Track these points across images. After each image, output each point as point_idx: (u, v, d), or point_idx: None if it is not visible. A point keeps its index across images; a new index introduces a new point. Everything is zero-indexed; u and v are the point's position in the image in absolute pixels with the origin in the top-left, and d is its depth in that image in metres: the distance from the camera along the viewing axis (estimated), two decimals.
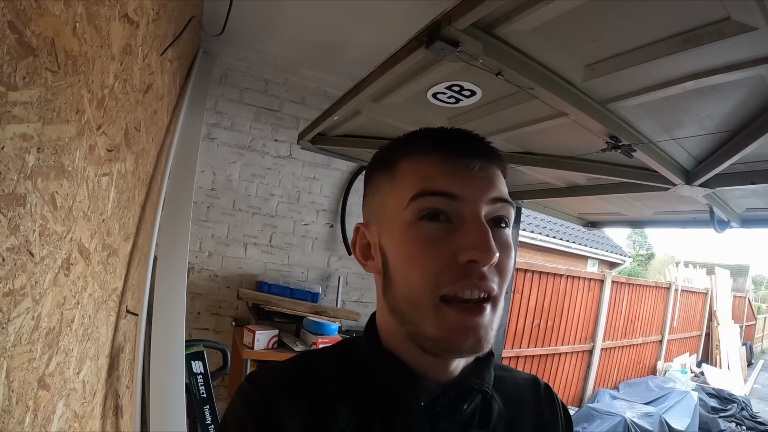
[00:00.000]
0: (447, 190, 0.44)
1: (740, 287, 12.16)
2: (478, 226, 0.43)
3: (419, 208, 0.44)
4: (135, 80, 1.01)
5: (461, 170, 0.45)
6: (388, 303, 0.47)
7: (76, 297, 0.82)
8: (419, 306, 0.43)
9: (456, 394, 0.47)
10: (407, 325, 0.45)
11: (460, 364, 0.49)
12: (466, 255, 0.42)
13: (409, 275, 0.44)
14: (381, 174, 0.50)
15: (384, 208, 0.48)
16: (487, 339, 0.43)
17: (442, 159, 0.46)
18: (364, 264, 0.51)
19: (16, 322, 0.56)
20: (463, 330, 0.42)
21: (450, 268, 0.42)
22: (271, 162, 2.60)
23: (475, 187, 0.45)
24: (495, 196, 0.45)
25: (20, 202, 0.53)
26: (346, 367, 0.49)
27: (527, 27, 0.76)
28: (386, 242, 0.47)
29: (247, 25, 2.14)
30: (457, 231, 0.43)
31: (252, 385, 0.46)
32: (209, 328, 2.43)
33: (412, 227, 0.44)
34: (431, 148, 0.47)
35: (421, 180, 0.45)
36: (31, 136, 0.53)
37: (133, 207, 1.29)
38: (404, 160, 0.48)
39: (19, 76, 0.48)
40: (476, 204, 0.44)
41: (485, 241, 0.42)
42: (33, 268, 0.60)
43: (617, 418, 3.62)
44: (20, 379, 0.59)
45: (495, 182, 0.46)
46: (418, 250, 0.44)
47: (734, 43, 0.68)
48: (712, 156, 1.12)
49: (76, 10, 0.59)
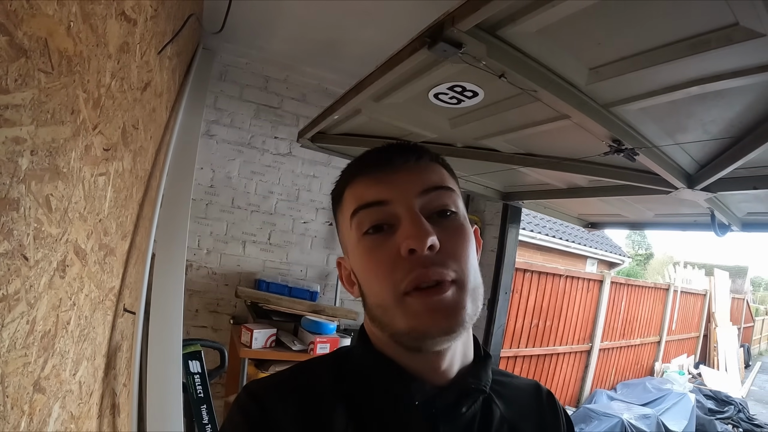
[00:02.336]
0: (375, 199, 0.47)
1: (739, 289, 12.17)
2: (409, 217, 0.45)
3: (359, 225, 0.48)
4: (133, 78, 1.00)
5: (386, 175, 0.48)
6: (368, 315, 0.50)
7: (72, 298, 0.81)
8: (387, 307, 0.46)
9: (453, 395, 0.47)
10: (385, 329, 0.47)
11: (455, 364, 0.49)
12: (404, 246, 0.44)
13: (370, 283, 0.48)
14: (336, 209, 0.54)
15: (343, 236, 0.53)
16: (458, 316, 0.44)
17: (367, 174, 0.50)
18: (351, 291, 0.54)
19: (10, 327, 0.56)
20: (428, 312, 0.43)
21: (399, 264, 0.44)
22: (270, 159, 2.59)
23: (401, 185, 0.48)
24: (425, 188, 0.48)
25: (13, 206, 0.52)
26: (343, 374, 0.50)
27: (532, 29, 0.75)
28: (353, 263, 0.51)
29: (248, 21, 2.12)
30: (397, 230, 0.46)
31: (249, 396, 0.46)
32: (207, 325, 2.43)
33: (359, 243, 0.48)
34: (358, 169, 0.51)
35: (356, 199, 0.49)
36: (24, 139, 0.52)
37: (131, 205, 1.28)
38: (346, 190, 0.52)
39: (11, 78, 0.47)
40: (406, 200, 0.47)
41: (417, 227, 0.44)
42: (27, 272, 0.59)
43: (614, 419, 3.63)
44: (15, 384, 0.59)
45: (423, 174, 0.49)
46: (369, 260, 0.47)
47: (741, 49, 0.67)
48: (715, 161, 1.11)
49: (70, 10, 0.58)
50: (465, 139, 1.44)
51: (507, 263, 2.78)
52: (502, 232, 2.79)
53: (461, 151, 1.50)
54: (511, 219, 2.78)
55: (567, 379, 4.89)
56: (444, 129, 1.34)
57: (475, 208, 3.04)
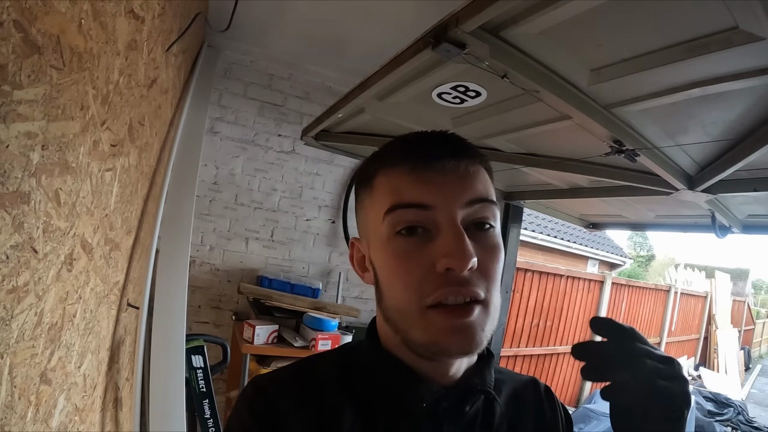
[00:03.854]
0: (418, 201, 0.44)
1: (740, 291, 12.14)
2: (452, 232, 0.42)
3: (393, 223, 0.44)
4: (140, 75, 1.01)
5: (431, 176, 0.44)
6: (382, 312, 0.48)
7: (78, 292, 0.82)
8: (407, 315, 0.44)
9: (458, 395, 0.47)
10: (400, 333, 0.46)
11: (462, 367, 0.49)
12: (442, 263, 0.41)
13: (393, 287, 0.45)
14: (363, 189, 0.50)
15: (368, 223, 0.49)
16: (478, 339, 0.42)
17: (411, 168, 0.45)
18: (362, 276, 0.52)
19: (19, 318, 0.57)
20: (451, 331, 0.42)
21: (430, 278, 0.42)
22: (274, 157, 2.60)
23: (448, 192, 0.44)
24: (470, 199, 0.44)
25: (24, 199, 0.53)
26: (350, 371, 0.50)
27: (534, 30, 0.75)
28: (374, 256, 0.48)
29: (253, 19, 2.13)
30: (434, 239, 0.43)
31: (255, 390, 0.46)
32: (209, 321, 2.45)
33: (390, 242, 0.45)
34: (400, 157, 0.46)
35: (394, 193, 0.45)
36: (36, 133, 0.53)
37: (136, 201, 1.30)
38: (379, 173, 0.48)
39: (24, 74, 0.48)
40: (450, 210, 0.43)
41: (460, 247, 0.41)
42: (36, 264, 0.60)
43: None
44: (23, 374, 0.60)
45: (470, 183, 0.45)
46: (398, 265, 0.44)
47: (741, 52, 0.68)
48: (716, 162, 1.12)
49: (81, 7, 0.59)
50: (468, 139, 1.45)
51: (508, 263, 2.79)
52: (503, 232, 2.78)
53: None
54: (513, 219, 2.77)
55: (567, 379, 4.90)
56: (447, 128, 1.34)
57: None
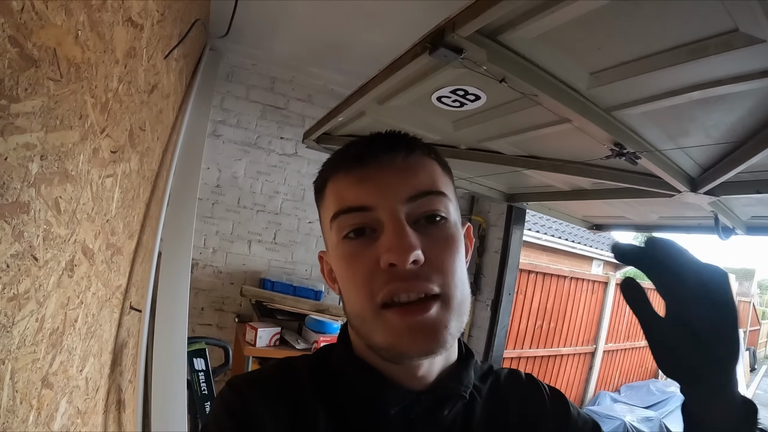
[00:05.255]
0: (357, 204, 0.43)
1: (745, 292, 12.01)
2: (392, 227, 0.42)
3: (339, 229, 0.45)
4: (140, 82, 1.02)
5: (369, 174, 0.44)
6: (348, 319, 0.48)
7: (80, 297, 0.83)
8: (364, 319, 0.44)
9: (432, 400, 0.46)
10: (362, 338, 0.46)
11: (434, 368, 0.47)
12: (384, 259, 0.41)
13: (348, 292, 0.45)
14: (319, 201, 0.50)
15: (325, 233, 0.49)
16: (440, 337, 0.41)
17: (347, 170, 0.45)
18: (333, 287, 0.51)
19: (20, 324, 0.57)
20: (409, 331, 0.41)
21: (378, 275, 0.42)
22: (276, 160, 2.61)
23: (386, 189, 0.43)
24: (413, 194, 0.43)
25: (24, 209, 0.54)
26: (324, 374, 0.49)
27: (532, 34, 0.75)
28: (332, 264, 0.48)
29: (254, 22, 2.14)
30: (380, 236, 0.43)
31: (231, 390, 0.46)
32: (212, 324, 2.46)
33: (338, 247, 0.45)
34: (339, 162, 0.47)
35: (336, 199, 0.45)
36: (34, 144, 0.54)
37: (138, 205, 1.31)
38: (327, 182, 0.48)
39: (21, 88, 0.48)
40: (390, 207, 0.42)
41: (399, 241, 0.40)
42: (37, 272, 0.61)
43: (617, 421, 3.61)
44: (24, 379, 0.61)
45: (410, 177, 0.44)
46: (347, 267, 0.44)
47: (741, 55, 0.67)
48: (718, 164, 1.11)
49: (78, 19, 0.59)
50: (468, 142, 1.44)
51: (511, 264, 2.78)
52: (506, 233, 2.79)
53: (465, 153, 1.51)
54: (516, 220, 2.78)
55: (571, 380, 4.88)
56: (447, 131, 1.34)
57: (479, 209, 3.04)
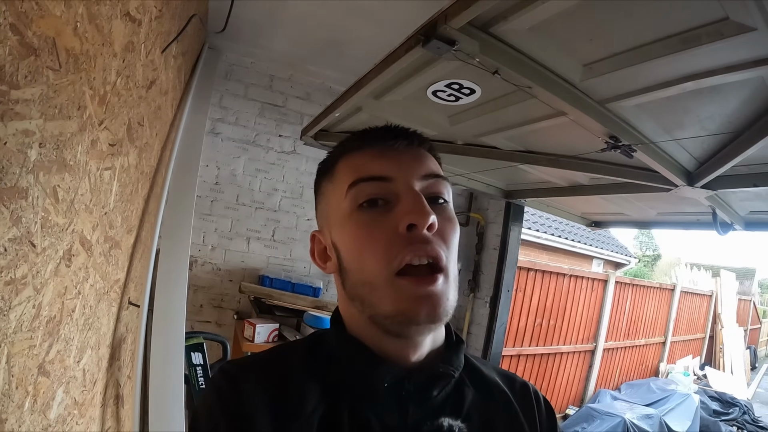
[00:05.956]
0: (378, 174, 0.47)
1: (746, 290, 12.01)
2: (411, 195, 0.46)
3: (356, 196, 0.47)
4: (138, 76, 1.03)
5: (389, 153, 0.49)
6: (347, 293, 0.49)
7: (78, 287, 0.83)
8: (376, 286, 0.45)
9: (423, 378, 0.48)
10: (367, 309, 0.47)
11: (424, 349, 0.49)
12: (404, 221, 0.44)
13: (361, 260, 0.47)
14: (324, 180, 0.54)
15: (329, 207, 0.52)
16: (442, 308, 0.44)
17: (369, 146, 0.50)
18: (323, 267, 0.53)
19: (17, 309, 0.58)
20: (417, 299, 0.44)
21: (395, 241, 0.45)
22: (275, 157, 2.62)
23: (404, 166, 0.48)
24: (426, 173, 0.49)
25: (22, 195, 0.54)
26: (316, 356, 0.51)
27: (524, 26, 0.76)
28: (336, 237, 0.50)
29: (253, 21, 2.15)
30: (394, 207, 0.46)
31: (222, 374, 0.47)
32: (211, 320, 2.46)
33: (352, 216, 0.48)
34: (360, 141, 0.51)
35: (355, 170, 0.49)
36: (33, 131, 0.54)
37: (136, 200, 1.31)
38: (340, 160, 0.52)
39: (21, 75, 0.49)
40: (408, 180, 0.47)
41: (419, 204, 0.45)
42: (35, 258, 0.61)
43: (617, 418, 3.61)
44: (20, 364, 0.61)
45: (423, 160, 0.50)
46: (363, 235, 0.47)
47: (733, 43, 0.68)
48: (714, 157, 1.11)
49: (77, 11, 0.60)
50: (465, 137, 1.45)
51: (509, 261, 2.79)
52: (504, 230, 2.80)
53: (462, 149, 1.51)
54: (514, 217, 2.78)
55: (570, 378, 4.88)
56: (444, 126, 1.35)
57: (478, 207, 3.04)
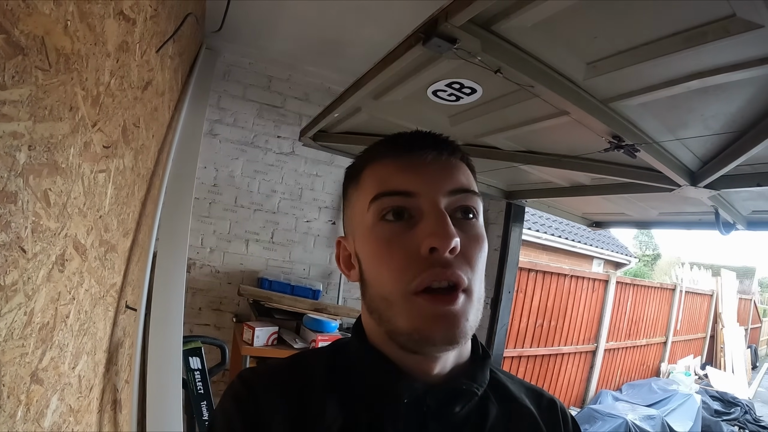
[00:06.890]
0: (402, 188, 0.45)
1: (746, 289, 12.01)
2: (435, 214, 0.44)
3: (378, 210, 0.46)
4: (133, 77, 1.01)
5: (415, 165, 0.46)
6: (366, 305, 0.49)
7: (72, 292, 0.82)
8: (392, 302, 0.44)
9: (445, 395, 0.46)
10: (384, 324, 0.46)
11: (448, 364, 0.48)
12: (426, 243, 0.42)
13: (379, 274, 0.46)
14: (351, 186, 0.52)
15: (354, 216, 0.50)
16: (461, 329, 0.42)
17: (395, 158, 0.48)
18: (347, 274, 0.52)
19: (7, 317, 0.56)
20: (434, 318, 0.42)
21: (415, 262, 0.43)
22: (273, 158, 2.60)
23: (431, 180, 0.46)
24: (453, 188, 0.46)
25: (11, 199, 0.53)
26: (337, 366, 0.50)
27: (527, 24, 0.74)
28: (359, 248, 0.49)
29: (250, 21, 2.13)
30: (418, 225, 0.44)
31: (241, 381, 0.47)
32: (210, 324, 2.44)
33: (374, 228, 0.46)
34: (386, 150, 0.49)
35: (379, 182, 0.47)
36: (22, 134, 0.53)
37: (133, 203, 1.30)
38: (366, 168, 0.50)
39: (8, 75, 0.48)
40: (433, 197, 0.45)
41: (442, 227, 0.42)
42: (25, 264, 0.60)
43: (618, 419, 3.60)
44: (12, 373, 0.60)
45: (452, 174, 0.47)
46: (383, 250, 0.45)
47: (739, 41, 0.66)
48: (718, 157, 1.10)
49: (67, 9, 0.58)
50: (465, 137, 1.43)
51: (510, 262, 2.77)
52: (505, 231, 2.78)
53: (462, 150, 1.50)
54: (515, 218, 2.76)
55: (572, 379, 4.86)
56: (444, 127, 1.33)
57: None
